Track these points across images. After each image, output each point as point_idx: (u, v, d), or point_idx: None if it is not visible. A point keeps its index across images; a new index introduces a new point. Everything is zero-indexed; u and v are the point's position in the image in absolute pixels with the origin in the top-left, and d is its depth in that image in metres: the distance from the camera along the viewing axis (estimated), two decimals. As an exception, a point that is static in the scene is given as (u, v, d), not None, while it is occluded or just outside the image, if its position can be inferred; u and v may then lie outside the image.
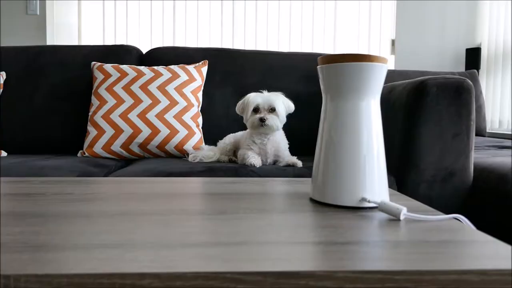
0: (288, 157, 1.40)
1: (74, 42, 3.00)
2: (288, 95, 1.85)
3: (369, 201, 0.67)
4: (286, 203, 0.73)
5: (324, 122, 0.74)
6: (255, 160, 1.31)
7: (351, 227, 0.58)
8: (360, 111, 0.69)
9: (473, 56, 3.13)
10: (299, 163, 1.34)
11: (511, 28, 2.87)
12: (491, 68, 3.03)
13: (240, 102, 1.42)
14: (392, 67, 3.19)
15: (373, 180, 0.69)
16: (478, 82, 2.73)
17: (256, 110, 1.35)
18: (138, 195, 0.77)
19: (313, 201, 0.74)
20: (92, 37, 2.98)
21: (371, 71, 0.68)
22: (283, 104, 1.36)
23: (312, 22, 3.22)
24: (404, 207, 0.62)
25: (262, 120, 1.32)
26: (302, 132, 1.73)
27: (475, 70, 2.81)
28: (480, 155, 1.50)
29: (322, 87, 0.75)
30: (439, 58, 3.23)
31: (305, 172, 1.25)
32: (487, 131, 2.81)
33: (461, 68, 3.22)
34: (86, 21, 3.02)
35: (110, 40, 2.98)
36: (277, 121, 1.34)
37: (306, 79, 1.86)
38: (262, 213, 0.65)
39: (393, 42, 3.25)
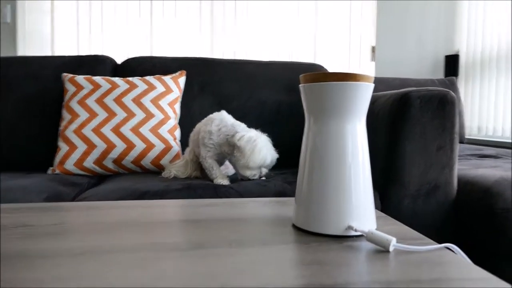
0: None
1: (46, 52, 2.90)
2: (269, 106, 1.81)
3: (355, 230, 0.63)
4: (268, 232, 0.68)
5: (307, 144, 0.70)
6: (223, 180, 1.28)
7: (338, 263, 0.53)
8: (345, 134, 0.65)
9: (451, 63, 3.15)
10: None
11: (489, 35, 2.90)
12: (469, 75, 3.05)
13: (250, 142, 1.27)
14: (372, 74, 3.19)
15: (359, 207, 0.64)
16: (457, 89, 2.74)
17: None
18: (108, 225, 0.71)
19: (296, 228, 0.69)
20: (65, 47, 2.89)
21: (356, 91, 0.64)
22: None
23: (291, 28, 3.19)
24: (393, 238, 0.58)
25: (260, 177, 1.34)
26: (284, 144, 1.68)
27: (454, 77, 2.82)
28: (463, 166, 1.48)
29: (305, 107, 0.70)
30: (419, 65, 3.25)
31: (287, 188, 1.21)
32: (466, 137, 2.83)
33: (440, 75, 3.24)
34: (60, 30, 2.92)
35: (84, 50, 2.89)
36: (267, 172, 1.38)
37: (288, 89, 1.82)
38: (242, 246, 0.60)
39: (373, 48, 3.25)
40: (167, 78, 1.67)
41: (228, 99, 1.79)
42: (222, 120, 1.36)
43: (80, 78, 1.61)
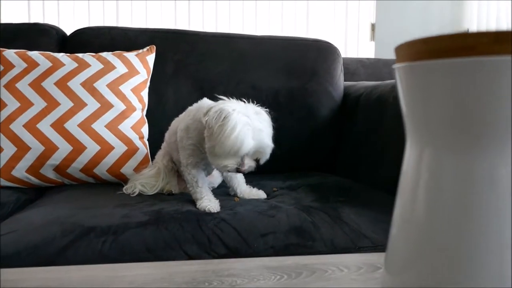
0: (245, 189, 1.04)
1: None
2: (265, 93, 1.41)
3: None
4: None
5: (416, 191, 0.31)
6: (210, 204, 0.87)
7: None
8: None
9: (461, 44, 2.80)
10: (262, 195, 1.03)
11: (504, 11, 2.56)
12: (481, 57, 2.72)
13: (218, 116, 0.84)
14: (372, 55, 2.83)
15: None
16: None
17: None
18: None
19: None
20: (12, 14, 2.39)
21: None
22: (271, 139, 0.91)
23: (281, 2, 2.77)
24: None
25: (239, 171, 0.87)
26: (282, 143, 1.28)
27: (468, 60, 2.48)
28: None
29: (407, 117, 0.31)
30: (426, 46, 2.89)
31: (306, 221, 0.82)
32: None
33: (448, 57, 2.89)
34: (5, -5, 2.42)
35: (34, 18, 2.39)
36: (254, 167, 0.90)
37: (287, 71, 1.43)
38: None
39: (373, 26, 2.88)
40: (130, 55, 1.24)
41: (212, 83, 1.38)
42: (199, 108, 0.95)
43: (10, 54, 1.17)
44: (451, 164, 0.28)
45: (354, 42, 2.90)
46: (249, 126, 0.83)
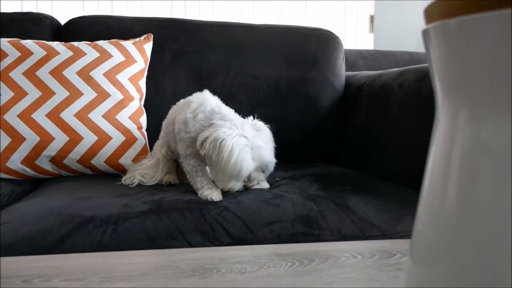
0: None
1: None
2: (265, 83, 1.39)
3: None
4: None
5: (448, 168, 0.28)
6: (212, 192, 0.85)
7: None
8: None
9: (460, 35, 2.78)
10: (265, 185, 0.96)
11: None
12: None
13: (214, 146, 0.83)
14: (371, 47, 2.80)
15: None
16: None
17: None
18: None
19: None
20: (5, 4, 2.35)
21: None
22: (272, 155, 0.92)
23: (279, -6, 2.74)
24: None
25: (247, 187, 0.91)
26: (282, 133, 1.25)
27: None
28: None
29: (441, 84, 0.28)
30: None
31: (313, 210, 0.79)
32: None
33: (446, 48, 2.87)
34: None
35: (26, 7, 2.35)
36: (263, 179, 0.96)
37: (287, 61, 1.40)
38: None
39: (371, 18, 2.85)
40: (127, 44, 1.21)
41: (211, 73, 1.36)
42: (201, 104, 0.93)
43: (3, 42, 1.14)
44: (492, 129, 0.26)
45: (353, 34, 2.88)
46: (247, 147, 0.84)
